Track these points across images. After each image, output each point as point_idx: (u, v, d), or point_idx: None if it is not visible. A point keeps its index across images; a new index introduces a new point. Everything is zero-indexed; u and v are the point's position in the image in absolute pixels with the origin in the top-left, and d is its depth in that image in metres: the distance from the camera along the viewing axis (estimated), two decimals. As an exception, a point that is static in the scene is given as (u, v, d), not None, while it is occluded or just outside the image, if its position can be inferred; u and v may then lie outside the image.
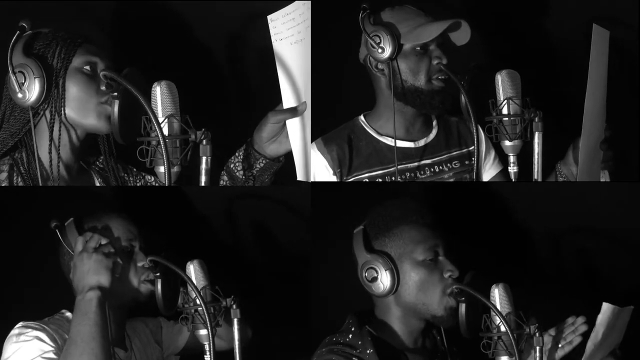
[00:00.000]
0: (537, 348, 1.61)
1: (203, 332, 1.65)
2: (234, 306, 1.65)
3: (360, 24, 1.82)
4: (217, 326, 1.66)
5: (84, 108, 1.71)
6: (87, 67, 1.72)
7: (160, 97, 1.58)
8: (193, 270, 1.66)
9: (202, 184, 1.60)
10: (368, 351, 1.62)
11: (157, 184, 1.92)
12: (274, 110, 1.79)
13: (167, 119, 1.58)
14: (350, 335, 1.66)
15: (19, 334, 1.60)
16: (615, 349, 1.68)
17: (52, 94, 1.68)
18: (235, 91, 2.26)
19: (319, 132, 1.89)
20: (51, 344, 1.59)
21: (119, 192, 1.93)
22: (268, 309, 1.89)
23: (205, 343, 1.65)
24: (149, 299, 1.72)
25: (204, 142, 1.59)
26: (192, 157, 1.60)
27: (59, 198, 1.82)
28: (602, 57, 1.73)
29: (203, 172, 1.60)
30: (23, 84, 1.64)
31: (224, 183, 1.86)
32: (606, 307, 1.59)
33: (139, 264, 1.72)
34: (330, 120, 1.94)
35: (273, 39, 1.75)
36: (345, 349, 1.63)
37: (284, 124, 1.79)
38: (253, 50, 2.16)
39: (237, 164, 1.82)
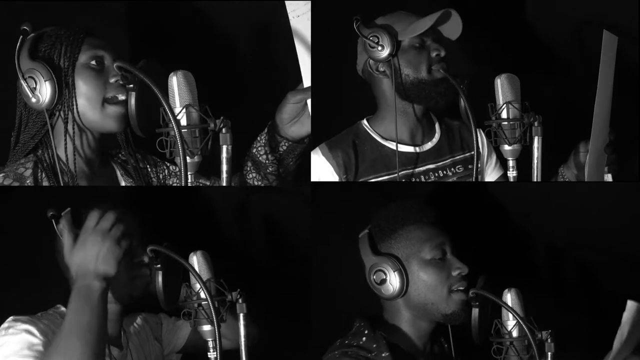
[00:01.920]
0: (549, 354, 1.60)
1: (206, 327, 1.59)
2: (240, 300, 1.58)
3: (357, 31, 1.82)
4: (222, 321, 1.59)
5: (93, 105, 1.69)
6: (94, 62, 1.70)
7: (177, 87, 1.55)
8: (196, 262, 1.60)
9: (224, 173, 1.58)
10: (383, 354, 1.60)
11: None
12: (293, 90, 1.78)
13: (184, 109, 1.54)
14: (364, 339, 1.63)
15: (8, 327, 1.53)
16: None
17: (64, 94, 1.67)
18: (258, 76, 2.24)
19: (320, 137, 1.88)
20: (40, 337, 1.52)
21: (126, 190, 1.89)
22: (268, 309, 1.83)
23: (209, 339, 1.59)
24: (141, 297, 1.67)
25: (224, 130, 1.56)
26: (214, 145, 1.58)
27: (66, 195, 1.77)
28: (611, 62, 1.74)
29: (224, 161, 1.57)
30: (35, 88, 1.64)
31: (248, 169, 1.84)
32: (630, 305, 1.56)
33: (135, 260, 1.67)
34: (333, 125, 1.93)
35: (290, 16, 1.75)
36: (360, 351, 1.60)
37: (305, 104, 1.77)
38: (273, 33, 2.17)
39: (259, 149, 1.80)
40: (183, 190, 2.04)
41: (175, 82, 1.55)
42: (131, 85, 1.59)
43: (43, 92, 1.64)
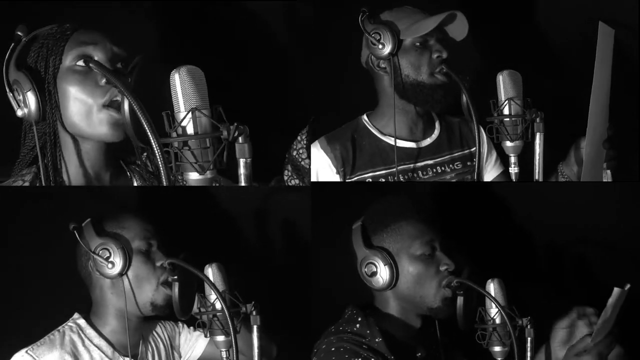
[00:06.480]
0: (529, 339, 1.69)
1: (220, 338, 1.57)
2: (254, 312, 1.57)
3: (360, 25, 1.81)
4: (236, 333, 1.58)
5: (85, 113, 1.52)
6: (80, 63, 1.51)
7: (180, 86, 1.25)
8: (212, 274, 1.57)
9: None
10: (377, 339, 1.64)
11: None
12: None
13: (190, 114, 1.24)
14: (358, 325, 1.67)
15: None
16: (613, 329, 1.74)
17: (48, 104, 1.51)
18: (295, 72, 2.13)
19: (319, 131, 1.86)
20: None
21: (137, 192, 1.82)
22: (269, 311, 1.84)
23: (222, 350, 1.58)
24: (166, 303, 1.63)
25: (240, 139, 1.24)
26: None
27: (77, 199, 1.73)
28: (607, 55, 1.74)
29: (242, 177, 1.28)
30: (20, 100, 1.50)
31: (289, 174, 1.65)
32: (616, 291, 1.62)
33: (158, 264, 1.63)
34: (333, 119, 1.91)
35: None
36: (355, 337, 1.65)
37: None
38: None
39: (300, 151, 1.64)
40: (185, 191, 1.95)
41: (177, 80, 1.26)
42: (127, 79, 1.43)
43: (27, 103, 1.49)
